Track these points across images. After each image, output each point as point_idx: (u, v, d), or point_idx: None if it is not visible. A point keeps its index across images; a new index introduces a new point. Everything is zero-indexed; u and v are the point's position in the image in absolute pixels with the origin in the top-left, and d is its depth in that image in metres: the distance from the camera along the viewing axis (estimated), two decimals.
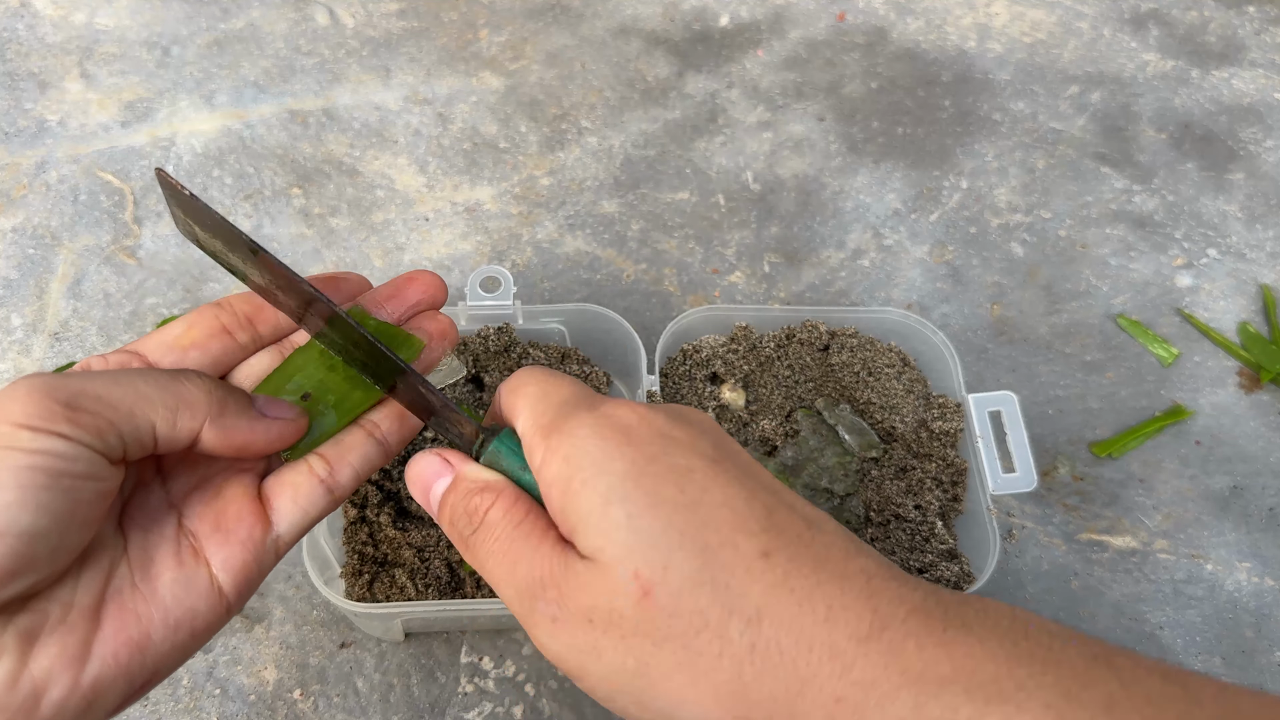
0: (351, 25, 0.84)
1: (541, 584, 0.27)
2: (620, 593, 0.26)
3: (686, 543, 0.26)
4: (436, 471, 0.32)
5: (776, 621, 0.25)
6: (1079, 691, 0.23)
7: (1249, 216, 0.77)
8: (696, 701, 0.25)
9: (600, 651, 0.26)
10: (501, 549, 0.29)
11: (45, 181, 0.73)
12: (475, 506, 0.30)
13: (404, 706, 0.53)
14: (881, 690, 0.24)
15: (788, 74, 0.84)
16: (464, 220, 0.73)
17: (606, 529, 0.27)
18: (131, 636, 0.27)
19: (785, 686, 0.25)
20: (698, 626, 0.25)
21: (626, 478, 0.27)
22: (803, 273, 0.72)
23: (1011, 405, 0.56)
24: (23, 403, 0.25)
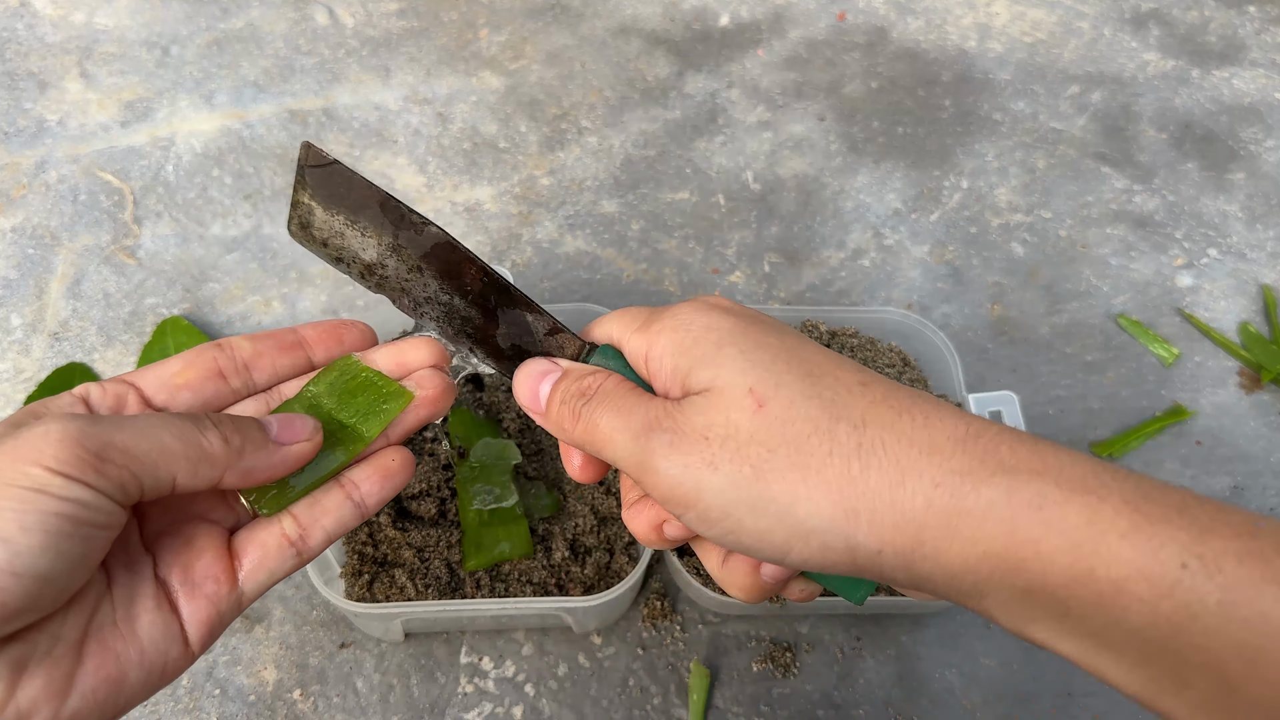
0: (351, 25, 0.84)
1: (657, 418, 0.30)
2: (737, 406, 0.28)
3: (793, 369, 0.29)
4: (545, 370, 0.34)
5: (879, 425, 0.28)
6: (1156, 494, 0.25)
7: (1249, 216, 0.77)
8: (809, 496, 0.27)
9: (717, 463, 0.28)
10: (615, 406, 0.31)
11: (45, 181, 0.73)
12: (589, 384, 0.32)
13: (404, 707, 0.53)
14: (977, 476, 0.26)
15: (788, 74, 0.84)
16: (464, 220, 0.73)
17: (721, 361, 0.29)
18: (110, 674, 0.28)
19: (888, 478, 0.27)
20: (808, 431, 0.28)
21: (734, 330, 0.30)
22: (803, 273, 0.72)
23: (1012, 405, 0.56)
24: (55, 448, 0.26)
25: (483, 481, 0.54)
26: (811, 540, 0.28)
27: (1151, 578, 0.24)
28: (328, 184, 0.33)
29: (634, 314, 0.34)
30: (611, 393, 0.31)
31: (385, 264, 0.34)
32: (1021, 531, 0.25)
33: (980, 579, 0.26)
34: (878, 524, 0.27)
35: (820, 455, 0.27)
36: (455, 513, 0.54)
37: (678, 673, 0.55)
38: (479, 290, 0.35)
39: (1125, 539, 0.24)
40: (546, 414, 0.33)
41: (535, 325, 0.35)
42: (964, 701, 0.55)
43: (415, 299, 0.35)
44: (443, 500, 0.54)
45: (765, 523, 0.28)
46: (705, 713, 0.54)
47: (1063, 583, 0.25)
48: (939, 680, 0.56)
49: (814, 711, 0.54)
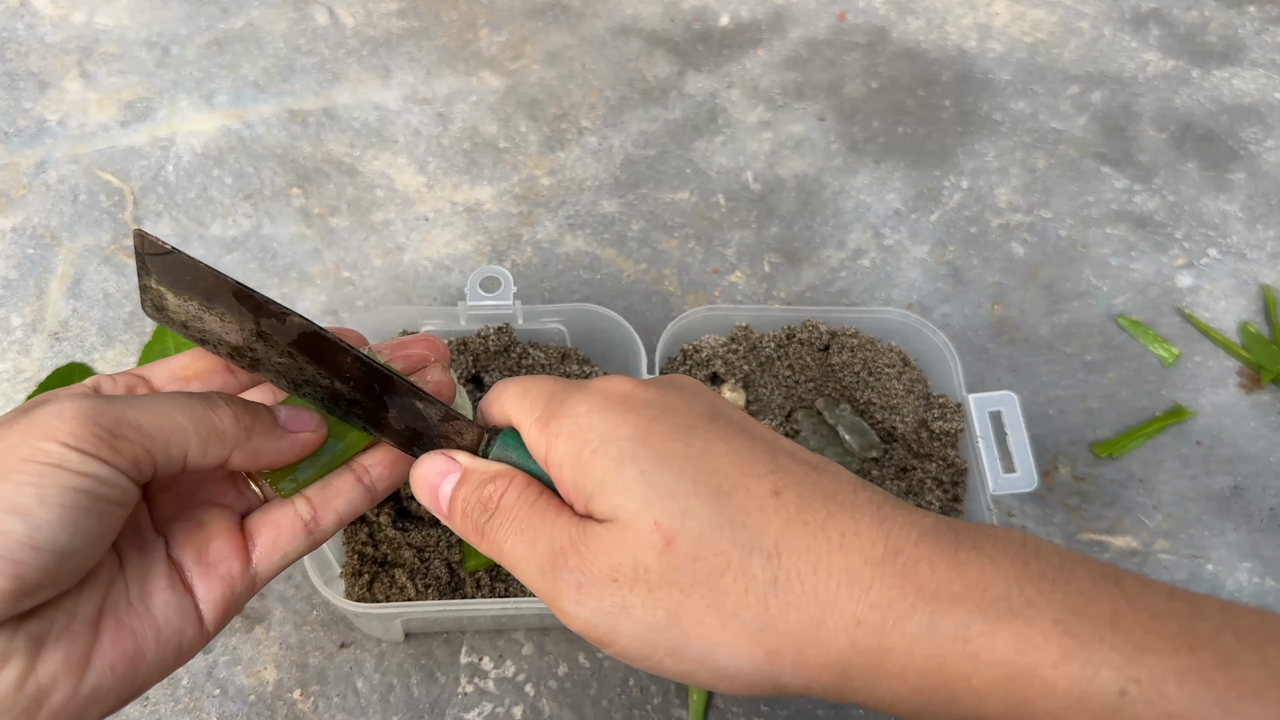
0: (351, 25, 0.84)
1: (562, 553, 0.28)
2: (643, 545, 0.27)
3: (700, 490, 0.27)
4: (444, 470, 0.32)
5: (794, 553, 0.26)
6: (1086, 607, 0.24)
7: (1250, 216, 0.77)
8: (729, 642, 0.26)
9: (629, 609, 0.27)
10: (519, 528, 0.29)
11: (45, 181, 0.73)
12: (489, 494, 0.30)
13: (404, 707, 0.53)
14: (898, 610, 0.25)
15: (788, 74, 0.84)
16: (464, 220, 0.73)
17: (623, 486, 0.27)
18: (127, 651, 0.28)
19: (809, 615, 0.26)
20: (721, 568, 0.26)
21: (634, 439, 0.28)
22: (803, 273, 0.72)
23: (1012, 405, 0.56)
24: (71, 424, 0.26)
25: None
26: (736, 681, 0.27)
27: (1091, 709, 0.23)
28: (172, 271, 0.31)
29: (531, 397, 0.31)
30: (513, 509, 0.30)
31: (254, 348, 0.32)
32: (950, 667, 0.24)
33: (915, 709, 0.26)
34: (803, 664, 0.26)
35: (736, 595, 0.26)
36: None
37: None
38: (359, 378, 0.33)
39: (1058, 669, 0.23)
40: (450, 521, 0.32)
41: (427, 413, 0.33)
42: None
43: (294, 381, 0.33)
44: None
45: (686, 665, 0.27)
46: (705, 713, 0.54)
47: (1000, 712, 0.24)
48: None
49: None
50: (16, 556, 0.24)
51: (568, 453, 0.29)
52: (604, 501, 0.28)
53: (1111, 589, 0.24)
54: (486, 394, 0.33)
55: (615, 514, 0.28)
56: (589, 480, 0.28)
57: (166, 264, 0.31)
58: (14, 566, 0.24)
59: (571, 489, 0.29)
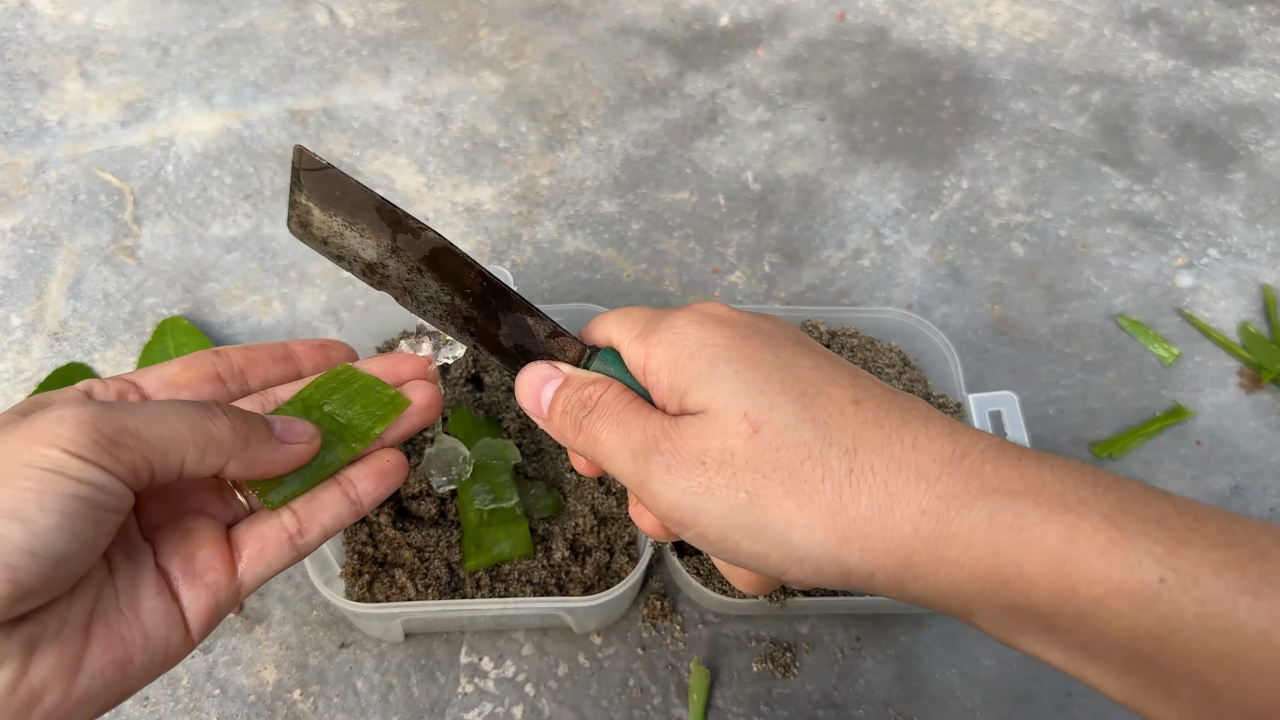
0: (351, 25, 0.84)
1: (654, 439, 0.30)
2: (732, 432, 0.29)
3: (787, 390, 0.29)
4: (547, 376, 0.34)
5: (869, 449, 0.28)
6: (1134, 508, 0.26)
7: (1250, 216, 0.77)
8: (805, 524, 0.28)
9: (714, 489, 0.29)
10: (615, 420, 0.32)
11: (45, 181, 0.73)
12: (589, 395, 0.33)
13: (404, 707, 0.53)
14: (961, 501, 0.27)
15: (788, 74, 0.84)
16: (464, 220, 0.73)
17: (716, 382, 0.30)
18: (116, 656, 0.28)
19: (879, 503, 0.28)
20: (802, 457, 0.28)
21: (729, 347, 0.31)
22: (803, 273, 0.72)
23: (1012, 405, 0.56)
24: (72, 431, 0.26)
25: (483, 481, 0.54)
26: (806, 564, 0.29)
27: (1130, 593, 0.24)
28: (323, 187, 0.34)
29: (633, 318, 0.34)
30: (611, 406, 0.32)
31: (386, 264, 0.35)
32: (1004, 553, 0.26)
33: (968, 598, 0.27)
34: (869, 549, 0.28)
35: (813, 482, 0.28)
36: (455, 513, 0.54)
37: (678, 673, 0.55)
38: (479, 293, 0.35)
39: (1103, 556, 0.25)
40: (549, 420, 0.34)
41: (536, 328, 0.36)
42: (964, 701, 0.55)
43: (418, 298, 0.35)
44: (443, 500, 0.54)
45: (761, 547, 0.29)
46: (705, 713, 0.54)
47: (1046, 600, 0.26)
48: (939, 680, 0.56)
49: (814, 711, 0.54)
50: (14, 562, 0.24)
51: (666, 358, 0.31)
52: (698, 395, 0.30)
53: (1160, 498, 0.26)
54: (589, 322, 0.36)
55: (708, 405, 0.30)
56: (685, 379, 0.31)
57: (320, 179, 0.33)
58: (12, 572, 0.24)
59: (667, 390, 0.31)
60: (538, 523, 0.55)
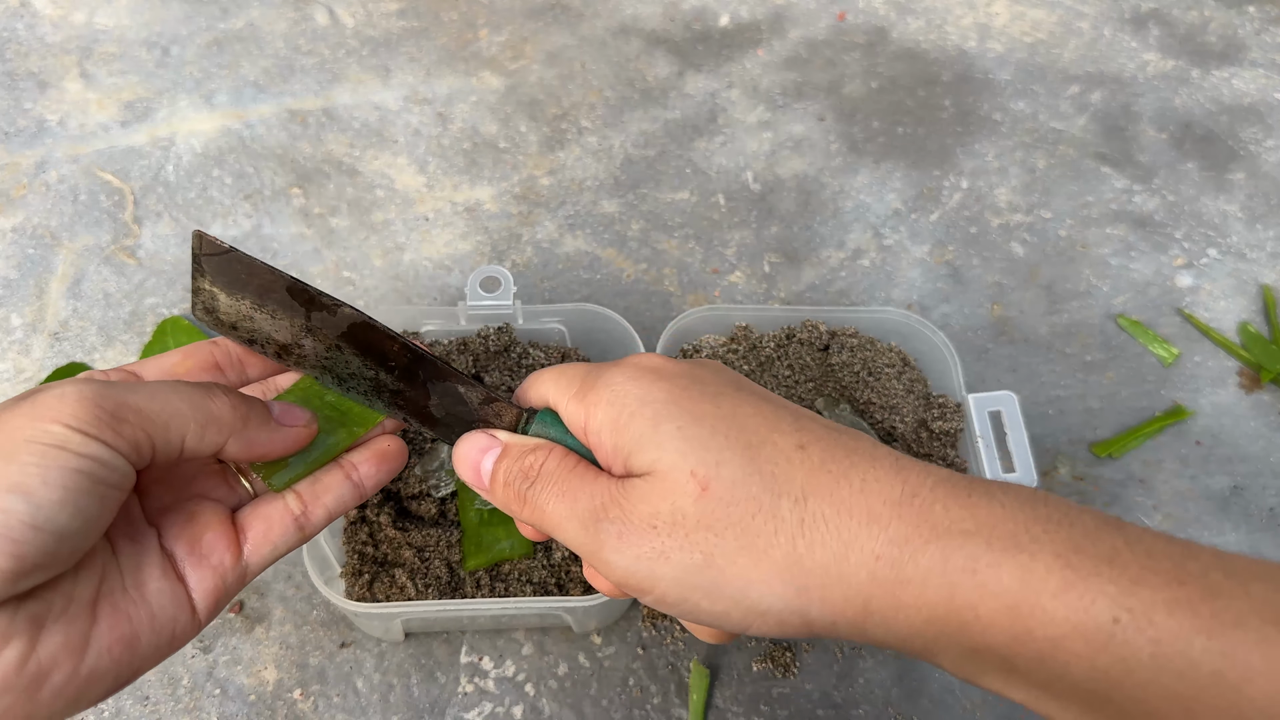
0: (351, 25, 0.84)
1: (603, 507, 0.30)
2: (681, 492, 0.29)
3: (731, 444, 0.29)
4: (485, 446, 0.34)
5: (819, 497, 0.28)
6: (1087, 546, 0.26)
7: (1249, 216, 0.77)
8: (762, 580, 0.28)
9: (668, 554, 0.29)
10: (560, 490, 0.31)
11: (45, 181, 0.73)
12: (530, 464, 0.32)
13: (404, 706, 0.53)
14: (914, 545, 0.27)
15: (788, 74, 0.84)
16: (464, 220, 0.73)
17: (660, 441, 0.30)
18: (124, 634, 0.29)
19: (833, 552, 0.28)
20: (753, 510, 0.28)
21: (668, 402, 0.30)
22: (803, 272, 0.72)
23: (1012, 405, 0.56)
24: (73, 406, 0.27)
25: None
26: (769, 618, 0.29)
27: (1086, 634, 0.25)
28: (227, 271, 0.33)
29: (568, 377, 0.34)
30: (555, 474, 0.32)
31: (301, 344, 0.34)
32: (960, 597, 0.26)
33: (928, 641, 0.27)
34: (828, 599, 0.28)
35: (766, 535, 0.28)
36: (455, 513, 0.54)
37: (678, 672, 0.55)
38: (404, 366, 0.34)
39: (1057, 598, 0.25)
40: (492, 493, 0.34)
41: (469, 396, 0.35)
42: (964, 702, 0.55)
43: (339, 375, 0.35)
44: (443, 500, 0.54)
45: (721, 605, 0.29)
46: (705, 713, 0.54)
47: (1004, 641, 0.26)
48: (939, 680, 0.56)
49: (814, 711, 0.54)
50: (18, 536, 0.25)
51: (606, 419, 0.31)
52: (642, 457, 0.30)
53: (1112, 532, 0.26)
54: (523, 382, 0.36)
55: (653, 467, 0.29)
56: (628, 440, 0.30)
57: (223, 263, 0.32)
58: (15, 546, 0.25)
59: (610, 452, 0.31)
60: None
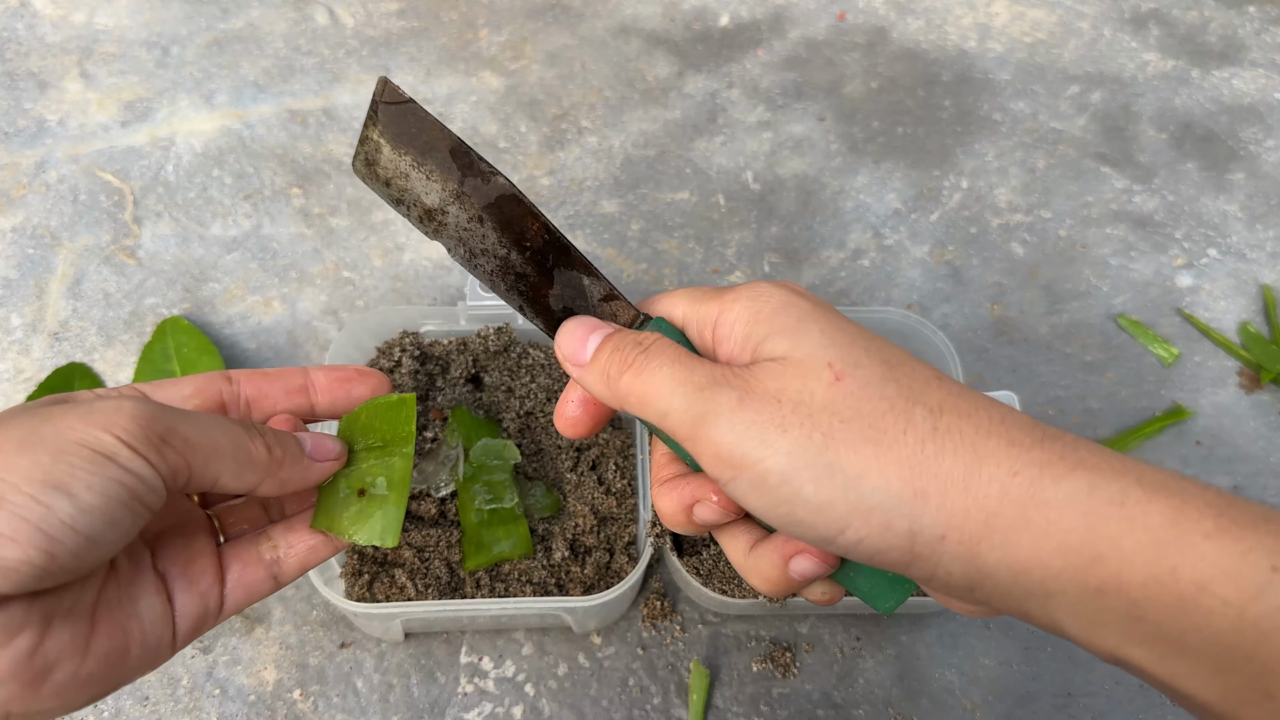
0: (351, 25, 0.84)
1: (724, 376, 0.29)
2: (814, 375, 0.28)
3: (872, 354, 0.29)
4: (596, 325, 0.33)
5: (957, 413, 0.27)
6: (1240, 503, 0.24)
7: (1249, 216, 0.77)
8: (880, 471, 0.26)
9: (786, 425, 0.27)
10: (674, 358, 0.30)
11: (45, 181, 0.73)
12: (644, 337, 0.31)
13: (404, 707, 0.53)
14: (1057, 470, 0.25)
15: (788, 74, 0.84)
16: None
17: (801, 335, 0.29)
18: (118, 645, 0.29)
19: (964, 462, 0.26)
20: (884, 408, 0.27)
21: (814, 310, 0.30)
22: (803, 273, 0.72)
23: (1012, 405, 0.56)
24: (128, 421, 0.27)
25: (482, 482, 0.54)
26: (873, 517, 0.26)
27: (1238, 580, 0.23)
28: (399, 122, 0.33)
29: (704, 290, 0.33)
30: (669, 348, 0.30)
31: (447, 210, 0.34)
32: (1101, 526, 0.24)
33: (1049, 575, 0.25)
34: (947, 507, 0.26)
35: (894, 432, 0.27)
36: (455, 513, 0.54)
37: (678, 673, 0.55)
38: (538, 247, 0.34)
39: (1210, 539, 0.23)
40: (592, 362, 0.32)
41: (591, 290, 0.35)
42: (964, 701, 0.55)
43: (471, 249, 0.34)
44: (443, 500, 0.54)
45: (827, 493, 0.27)
46: (705, 713, 0.54)
47: (1140, 581, 0.24)
48: (939, 680, 0.56)
49: (814, 711, 0.54)
50: (55, 534, 0.25)
51: (746, 310, 0.30)
52: (780, 342, 0.29)
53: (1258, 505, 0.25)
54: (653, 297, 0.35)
55: (789, 353, 0.29)
56: (764, 329, 0.29)
57: (399, 114, 0.33)
58: (50, 543, 0.25)
59: (742, 340, 0.30)
60: (537, 523, 0.55)
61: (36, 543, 0.25)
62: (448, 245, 0.35)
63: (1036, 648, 0.57)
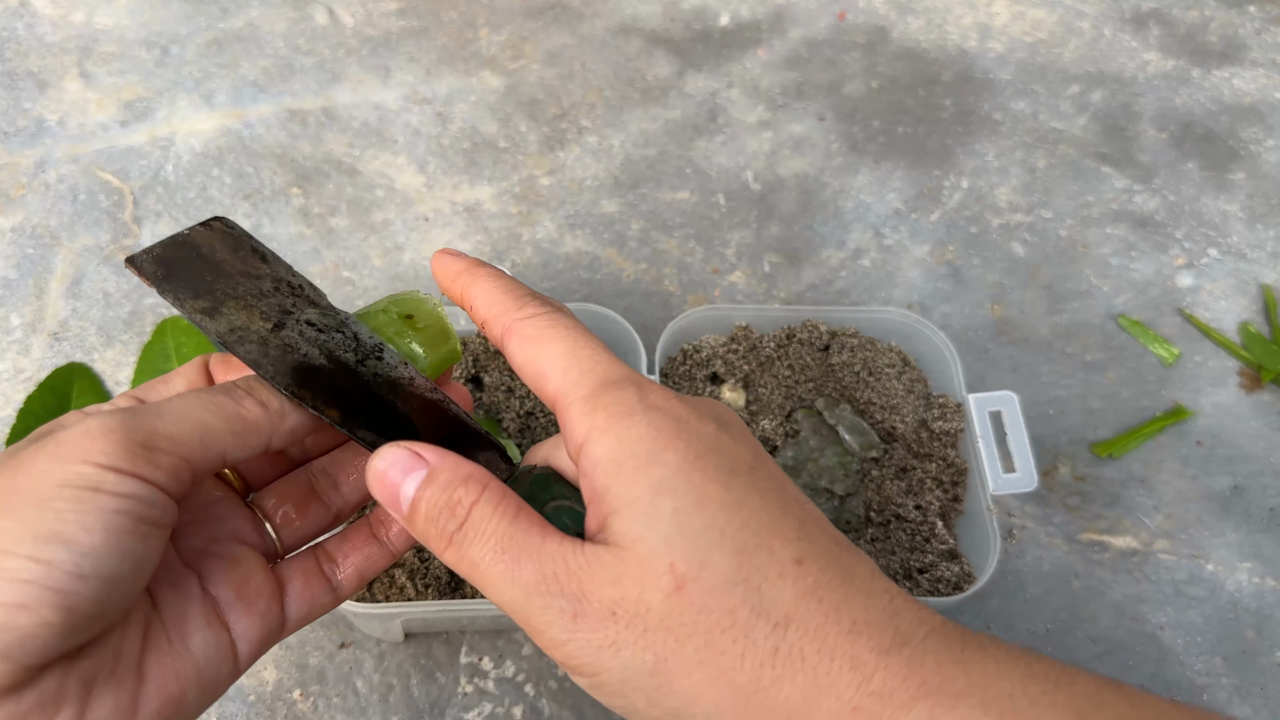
0: (351, 24, 0.84)
1: (557, 578, 0.26)
2: (653, 584, 0.26)
3: (726, 542, 0.26)
4: (407, 467, 0.29)
5: (802, 629, 0.25)
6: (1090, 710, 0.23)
7: (1250, 216, 0.77)
8: (713, 700, 0.25)
9: (619, 647, 0.26)
10: (499, 545, 0.27)
11: (44, 181, 0.73)
12: (458, 499, 0.28)
13: (403, 707, 0.53)
14: (898, 700, 0.24)
15: (788, 73, 0.84)
16: (464, 220, 0.73)
17: (652, 518, 0.26)
18: (172, 694, 0.27)
19: (803, 693, 0.25)
20: (724, 625, 0.25)
21: (679, 471, 0.27)
22: (803, 272, 0.72)
23: (1012, 405, 0.56)
24: (102, 443, 0.25)
25: None
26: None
27: None
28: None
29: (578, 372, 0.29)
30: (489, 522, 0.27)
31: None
32: None
33: None
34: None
35: (732, 656, 0.25)
36: None
37: None
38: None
39: None
40: (410, 524, 0.29)
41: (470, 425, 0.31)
42: None
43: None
44: None
45: (658, 713, 0.26)
46: None
47: None
48: None
49: None
50: (64, 587, 0.23)
51: (606, 456, 0.27)
52: (628, 525, 0.26)
53: (1115, 694, 0.24)
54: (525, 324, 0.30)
55: (633, 543, 0.26)
56: (621, 496, 0.27)
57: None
58: (63, 598, 0.23)
59: (598, 493, 0.27)
60: None
61: (48, 601, 0.23)
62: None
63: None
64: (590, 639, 0.26)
